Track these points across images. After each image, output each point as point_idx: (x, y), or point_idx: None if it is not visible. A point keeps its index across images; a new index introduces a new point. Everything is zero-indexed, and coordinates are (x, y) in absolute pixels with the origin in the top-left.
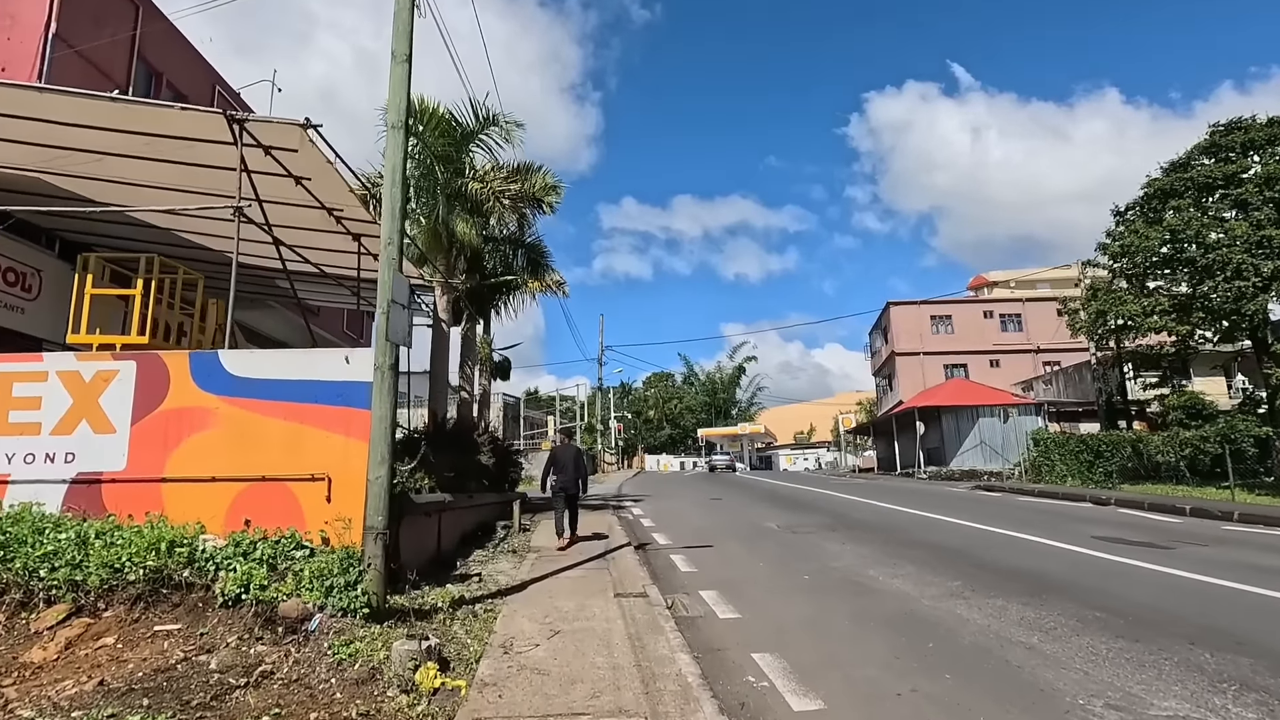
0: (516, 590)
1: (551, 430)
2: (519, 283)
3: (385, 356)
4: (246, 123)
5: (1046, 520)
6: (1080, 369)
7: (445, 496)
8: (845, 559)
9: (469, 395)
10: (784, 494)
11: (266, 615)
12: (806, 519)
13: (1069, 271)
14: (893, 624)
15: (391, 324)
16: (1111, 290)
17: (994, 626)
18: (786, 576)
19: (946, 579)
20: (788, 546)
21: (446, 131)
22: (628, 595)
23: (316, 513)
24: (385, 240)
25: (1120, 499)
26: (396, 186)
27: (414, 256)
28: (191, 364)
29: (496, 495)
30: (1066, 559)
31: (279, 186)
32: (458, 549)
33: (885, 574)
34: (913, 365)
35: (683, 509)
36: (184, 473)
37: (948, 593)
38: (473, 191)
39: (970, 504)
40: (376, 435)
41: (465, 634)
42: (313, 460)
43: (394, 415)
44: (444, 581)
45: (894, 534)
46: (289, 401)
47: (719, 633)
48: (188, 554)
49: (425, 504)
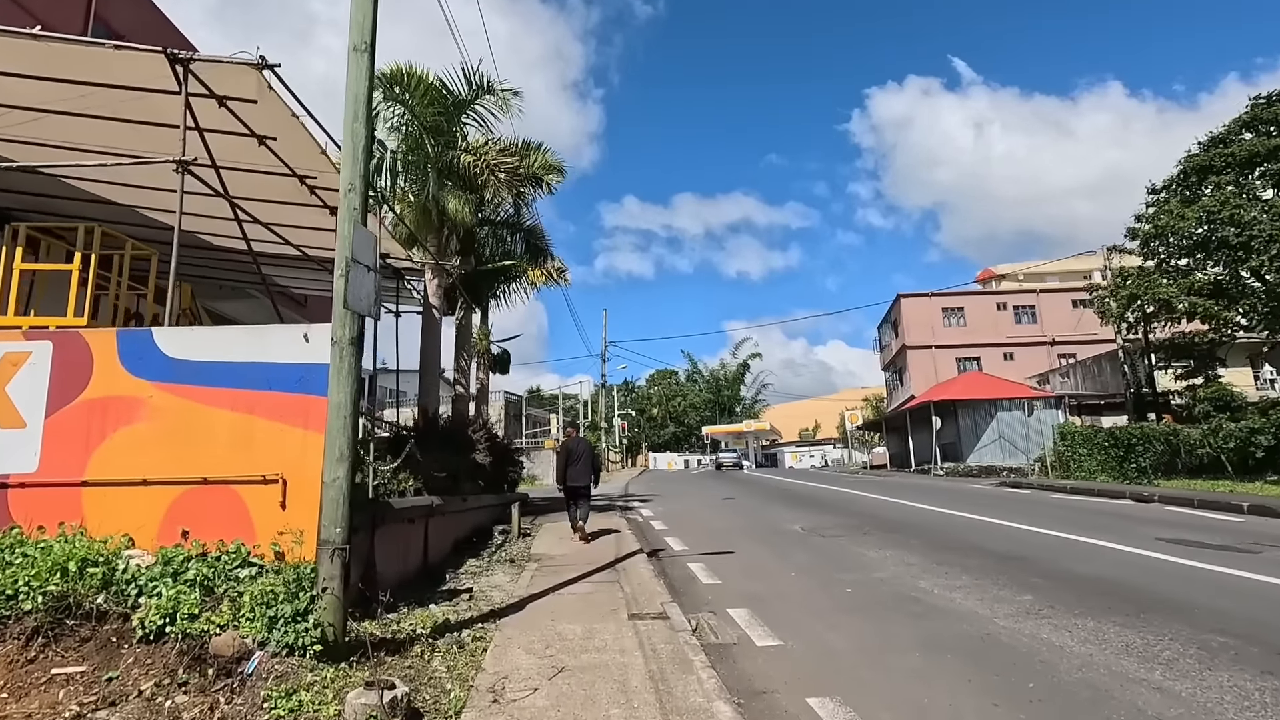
0: (513, 610)
1: (554, 429)
2: (518, 270)
3: (345, 329)
4: (192, 62)
5: (1093, 520)
6: (1100, 360)
7: (434, 500)
8: (888, 567)
9: (465, 390)
10: (800, 492)
11: (195, 653)
12: (831, 520)
13: (1078, 263)
14: (973, 654)
15: (351, 288)
16: (1143, 274)
17: (1098, 657)
18: (826, 590)
19: (1013, 592)
20: (818, 552)
21: (436, 100)
22: (644, 616)
23: (269, 522)
24: (345, 186)
25: (1164, 495)
26: (360, 122)
27: (402, 237)
28: (120, 344)
29: (494, 497)
30: (1139, 565)
31: (241, 150)
32: (449, 558)
33: (940, 587)
34: (924, 359)
35: (695, 510)
36: (109, 475)
37: (1023, 610)
38: (465, 165)
39: (1001, 502)
40: (334, 427)
41: (446, 672)
42: (265, 459)
43: (356, 401)
44: (429, 599)
45: (933, 537)
46: (237, 388)
47: (761, 668)
48: (103, 575)
49: (409, 509)
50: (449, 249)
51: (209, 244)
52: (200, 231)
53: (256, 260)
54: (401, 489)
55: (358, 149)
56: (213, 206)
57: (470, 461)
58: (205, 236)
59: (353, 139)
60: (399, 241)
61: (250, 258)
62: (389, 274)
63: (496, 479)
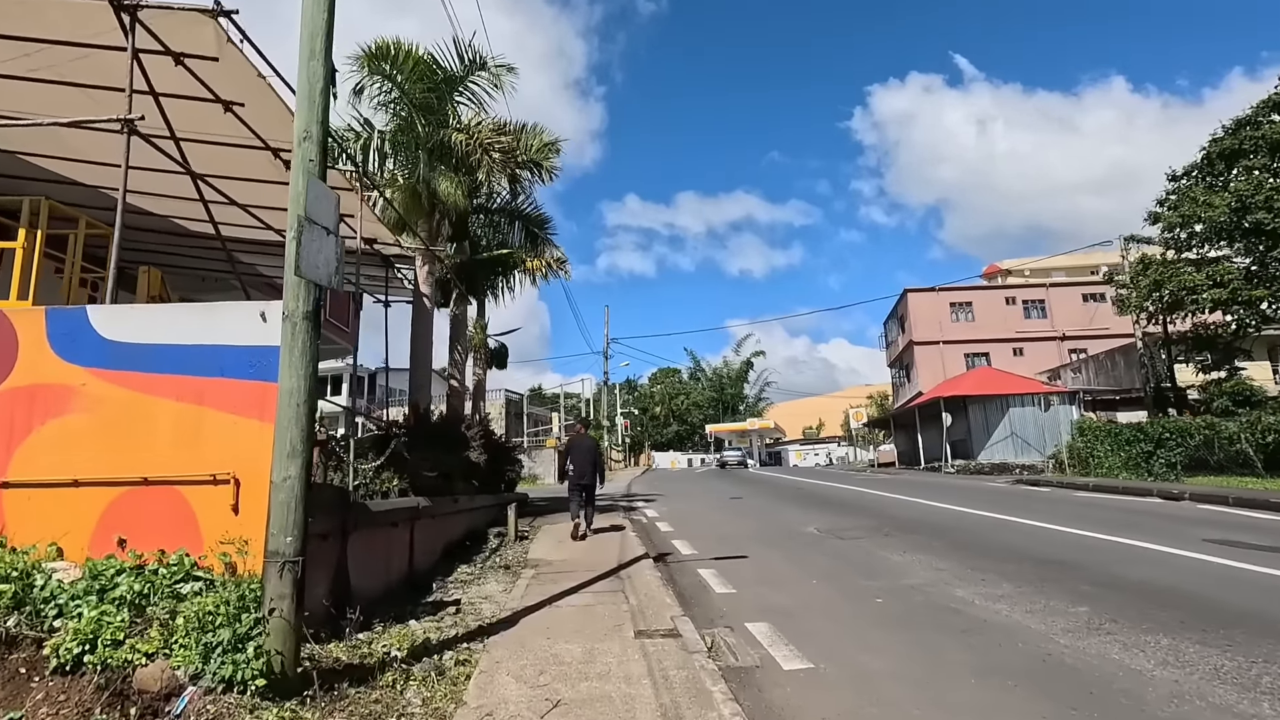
0: (504, 626)
1: (556, 427)
2: (516, 260)
3: (299, 301)
4: (140, 9)
5: (1128, 519)
6: (1113, 355)
7: (420, 501)
8: (918, 573)
9: (460, 385)
10: (810, 491)
11: (116, 687)
12: (847, 520)
13: (1085, 259)
14: (1038, 681)
15: (305, 253)
16: (1167, 262)
17: (1187, 684)
18: (854, 600)
19: (1065, 603)
20: (839, 557)
21: (427, 76)
22: (653, 634)
23: (219, 528)
24: (300, 134)
25: (1195, 493)
26: (317, 60)
27: (391, 221)
28: (49, 325)
29: (490, 498)
30: (1194, 570)
31: (206, 118)
32: (438, 564)
33: (980, 596)
34: (932, 354)
35: (701, 510)
36: (34, 474)
37: (1083, 625)
38: (457, 144)
39: (1023, 500)
40: (285, 416)
41: (421, 707)
42: (216, 455)
43: (312, 386)
44: (410, 613)
45: (960, 539)
46: (184, 375)
47: (791, 699)
48: (16, 593)
49: (391, 512)
50: (440, 234)
51: (185, 230)
52: (176, 216)
53: (225, 244)
54: (385, 489)
55: (314, 91)
56: (185, 187)
57: (464, 460)
58: (181, 222)
59: (309, 79)
60: (388, 226)
61: (219, 242)
62: (378, 261)
63: (493, 479)
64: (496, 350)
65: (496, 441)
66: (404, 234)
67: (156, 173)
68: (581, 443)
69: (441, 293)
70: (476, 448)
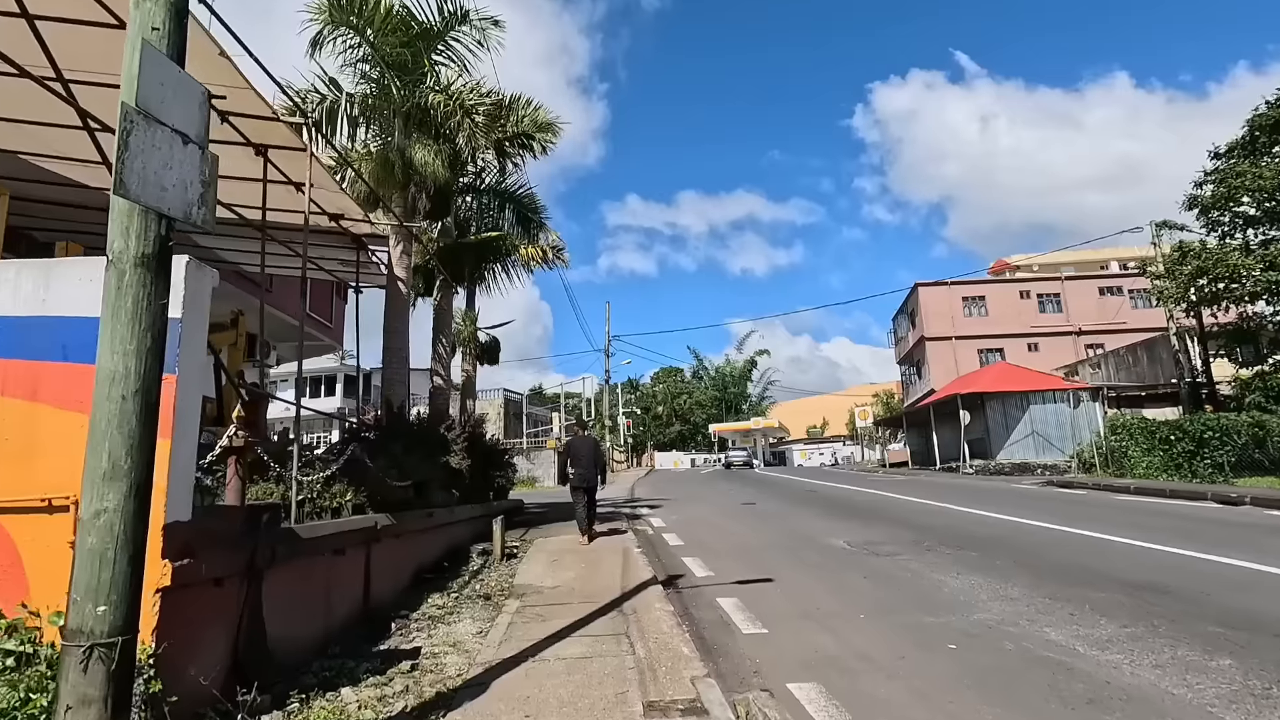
0: (471, 693)
1: (557, 428)
2: (508, 246)
3: (128, 238)
4: None
5: (1197, 529)
6: (1135, 349)
7: (379, 519)
8: (987, 605)
9: (444, 381)
10: (826, 495)
11: None
12: (879, 531)
13: (1094, 253)
14: None
15: (134, 163)
16: (1209, 248)
17: None
18: (922, 646)
19: (1199, 653)
20: (883, 580)
21: (401, 29)
22: (669, 710)
23: (55, 573)
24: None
25: (1256, 497)
26: None
27: (361, 195)
28: None
29: (476, 508)
30: None
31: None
32: (405, 594)
33: (1081, 642)
34: (944, 350)
35: (712, 518)
36: None
37: (1244, 693)
38: (435, 105)
39: (1063, 505)
40: (105, 414)
41: None
42: (53, 470)
43: (157, 372)
44: (349, 671)
45: (1019, 556)
46: (7, 358)
47: None
48: None
49: (332, 536)
50: (418, 210)
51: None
52: (105, 188)
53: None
54: (336, 505)
55: None
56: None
57: (443, 466)
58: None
59: None
60: (357, 201)
61: None
62: (348, 241)
63: (480, 486)
64: (487, 344)
65: (485, 444)
66: (377, 210)
67: (63, 129)
68: (581, 442)
69: (424, 281)
70: (459, 451)
